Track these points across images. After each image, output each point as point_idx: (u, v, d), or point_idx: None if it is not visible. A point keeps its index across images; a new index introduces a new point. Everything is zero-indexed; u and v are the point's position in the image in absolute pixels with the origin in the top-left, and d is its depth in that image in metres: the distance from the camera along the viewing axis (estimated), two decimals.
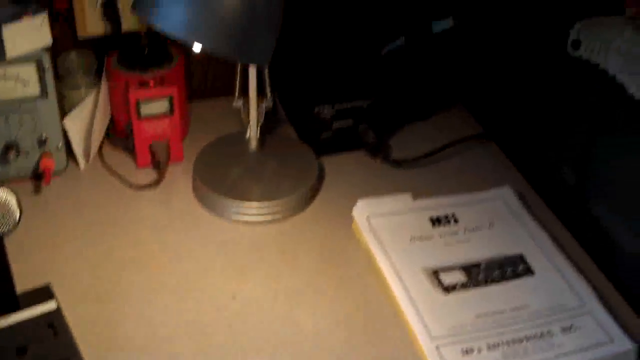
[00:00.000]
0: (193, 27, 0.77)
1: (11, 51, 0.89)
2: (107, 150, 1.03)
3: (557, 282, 0.85)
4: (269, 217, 0.93)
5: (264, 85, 0.97)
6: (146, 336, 0.78)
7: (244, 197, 0.94)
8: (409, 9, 1.08)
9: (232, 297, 0.83)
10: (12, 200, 0.68)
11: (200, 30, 0.78)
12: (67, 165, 0.98)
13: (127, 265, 0.86)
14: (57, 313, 0.76)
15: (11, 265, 0.74)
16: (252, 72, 0.94)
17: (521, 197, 0.98)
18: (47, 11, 0.90)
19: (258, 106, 0.97)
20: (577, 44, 0.90)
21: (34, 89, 0.93)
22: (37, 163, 0.96)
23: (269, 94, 0.97)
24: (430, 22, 1.04)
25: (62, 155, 0.97)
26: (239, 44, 0.80)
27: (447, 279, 0.84)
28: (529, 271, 0.86)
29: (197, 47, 0.80)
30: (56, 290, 0.79)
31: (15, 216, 0.68)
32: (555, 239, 0.91)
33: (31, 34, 0.90)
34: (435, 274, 0.85)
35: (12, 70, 0.91)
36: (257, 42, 0.81)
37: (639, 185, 0.85)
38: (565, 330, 0.79)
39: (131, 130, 0.99)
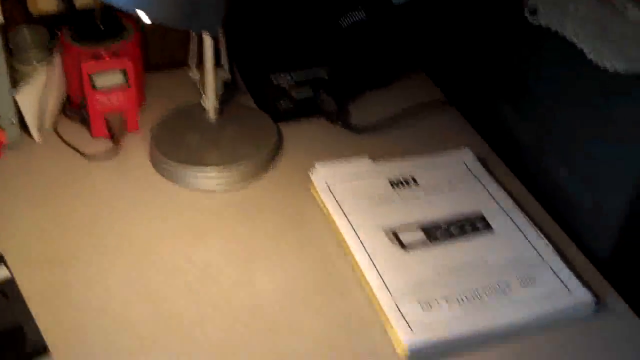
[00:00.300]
0: None
1: None
2: (63, 122, 1.02)
3: (516, 238, 0.85)
4: (227, 183, 0.93)
5: (220, 55, 0.96)
6: (102, 300, 0.77)
7: (202, 163, 0.93)
8: None
9: (189, 260, 0.82)
10: None
11: (147, 1, 0.76)
12: (21, 139, 0.97)
13: (83, 233, 0.85)
14: (9, 280, 0.74)
15: None
16: (208, 42, 0.93)
17: (481, 159, 0.98)
18: None
19: (215, 76, 0.96)
20: (534, 11, 0.90)
21: None
22: None
23: (226, 65, 0.97)
24: None
25: (15, 129, 0.96)
26: (187, 12, 0.78)
27: (407, 237, 0.84)
28: (488, 228, 0.86)
29: (145, 19, 0.79)
30: (9, 258, 0.78)
31: None
32: (515, 198, 0.91)
33: None
34: (394, 233, 0.84)
35: None
36: (206, 10, 0.80)
37: (594, 143, 0.85)
38: (524, 283, 0.79)
39: (86, 103, 0.97)
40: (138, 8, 0.76)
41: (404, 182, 0.92)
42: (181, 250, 0.83)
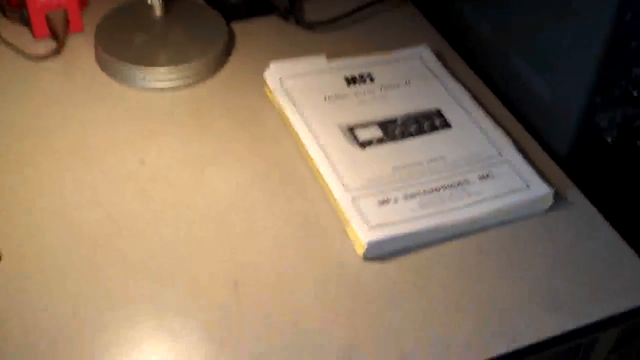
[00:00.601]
0: None
1: None
2: (3, 23, 0.96)
3: (474, 134, 0.84)
4: (177, 83, 0.89)
5: None
6: (54, 205, 0.74)
7: (151, 62, 0.89)
8: None
9: (140, 162, 0.79)
10: None
11: None
12: None
13: (28, 137, 0.81)
14: None
15: None
16: None
17: (439, 55, 0.95)
18: None
19: None
20: None
21: None
22: None
23: None
24: None
25: None
26: None
27: (363, 134, 0.82)
28: (446, 125, 0.85)
29: None
30: None
31: None
32: (473, 94, 0.89)
33: None
34: (350, 130, 0.83)
35: None
36: None
37: (553, 36, 0.84)
38: (482, 178, 0.78)
39: (24, 0, 0.92)
40: None
41: (359, 79, 0.90)
42: (133, 153, 0.81)
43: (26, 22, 0.95)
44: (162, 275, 0.69)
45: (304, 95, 0.87)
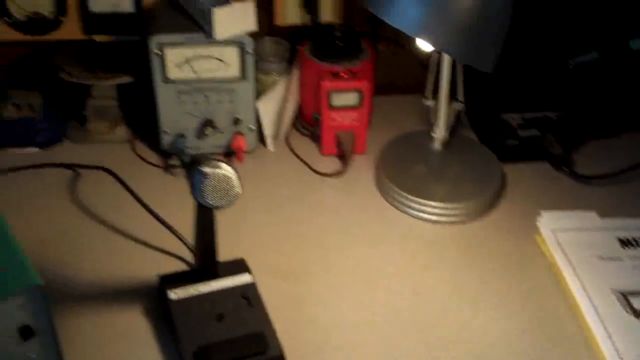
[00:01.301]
0: (426, 26, 0.79)
1: (220, 33, 0.92)
2: (294, 135, 1.05)
3: None
4: (450, 219, 0.93)
5: (456, 86, 0.96)
6: (331, 319, 0.79)
7: (427, 195, 0.93)
8: (606, 22, 1.05)
9: (415, 292, 0.83)
10: (234, 177, 0.70)
11: (433, 30, 0.80)
12: (256, 146, 1.01)
13: (313, 247, 0.88)
14: (252, 286, 0.77)
15: None
16: (446, 72, 0.94)
17: None
18: None
19: (449, 107, 0.96)
20: None
21: (234, 70, 0.96)
22: (230, 141, 0.98)
23: (462, 96, 0.97)
24: (628, 38, 1.01)
25: (253, 136, 1.00)
26: (468, 46, 0.81)
27: (639, 303, 0.81)
28: None
29: (425, 46, 0.84)
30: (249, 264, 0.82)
31: (236, 192, 0.70)
32: None
33: (238, 18, 0.92)
34: (624, 296, 0.82)
35: (217, 51, 0.94)
36: (485, 47, 0.82)
37: None
38: None
39: (318, 119, 1.00)
40: (423, 35, 0.81)
41: (634, 243, 0.89)
42: (404, 280, 0.84)
43: (315, 137, 1.03)
44: None
45: (577, 251, 0.87)
